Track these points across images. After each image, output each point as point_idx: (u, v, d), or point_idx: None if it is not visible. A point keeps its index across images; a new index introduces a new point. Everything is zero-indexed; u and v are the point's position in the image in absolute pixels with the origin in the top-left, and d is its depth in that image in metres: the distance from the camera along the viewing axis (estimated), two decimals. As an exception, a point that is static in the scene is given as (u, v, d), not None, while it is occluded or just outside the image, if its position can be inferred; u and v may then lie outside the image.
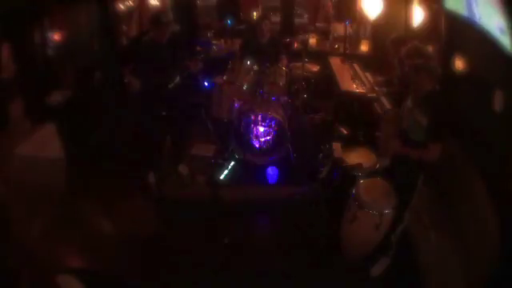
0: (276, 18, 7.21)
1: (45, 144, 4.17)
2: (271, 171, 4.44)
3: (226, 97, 4.99)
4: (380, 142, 3.53)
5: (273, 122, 4.46)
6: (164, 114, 4.30)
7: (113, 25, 5.53)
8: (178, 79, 4.27)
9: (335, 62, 5.83)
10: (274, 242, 3.68)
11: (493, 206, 2.74)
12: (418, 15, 4.42)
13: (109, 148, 4.53)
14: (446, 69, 3.36)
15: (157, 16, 4.28)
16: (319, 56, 6.35)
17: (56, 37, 4.55)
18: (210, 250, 3.47)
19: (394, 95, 3.92)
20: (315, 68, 6.07)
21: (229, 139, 4.60)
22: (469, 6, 2.98)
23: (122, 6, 5.89)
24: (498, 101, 2.75)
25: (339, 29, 6.63)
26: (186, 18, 6.74)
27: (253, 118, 4.47)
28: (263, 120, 4.45)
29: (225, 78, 5.01)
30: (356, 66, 5.42)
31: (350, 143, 3.97)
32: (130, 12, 6.10)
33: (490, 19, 2.69)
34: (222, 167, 4.42)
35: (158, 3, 6.73)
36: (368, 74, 5.04)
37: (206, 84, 5.53)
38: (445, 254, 3.21)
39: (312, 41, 6.80)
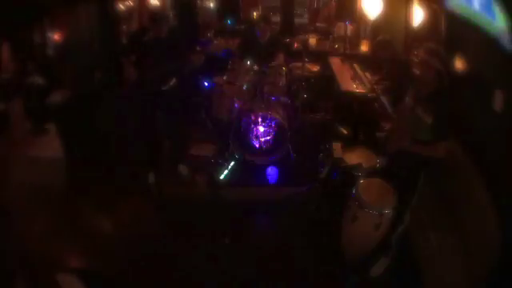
0: (276, 18, 7.21)
1: (45, 144, 4.18)
2: (271, 171, 4.44)
3: (225, 97, 4.99)
4: (390, 137, 3.41)
5: (273, 122, 4.46)
6: (161, 114, 4.31)
7: (113, 25, 5.54)
8: (173, 81, 4.26)
9: (335, 61, 5.83)
10: (274, 242, 3.68)
11: (493, 206, 2.74)
12: (417, 15, 4.42)
13: (108, 147, 4.53)
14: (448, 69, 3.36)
15: (156, 14, 4.32)
16: (319, 56, 6.35)
17: (56, 37, 4.56)
18: (210, 250, 3.46)
19: (392, 92, 3.93)
20: (315, 68, 6.07)
21: (229, 139, 4.60)
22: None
23: (122, 6, 5.90)
24: (498, 101, 2.74)
25: (339, 29, 6.64)
26: (186, 17, 6.76)
27: (253, 117, 4.47)
28: (263, 120, 4.45)
29: (225, 78, 5.01)
30: (356, 66, 5.42)
31: (349, 143, 3.97)
32: (129, 12, 6.11)
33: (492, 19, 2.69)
34: (221, 167, 4.42)
35: (157, 3, 6.74)
36: (368, 74, 5.04)
37: (205, 84, 5.53)
38: (445, 254, 3.21)
39: (312, 41, 6.80)
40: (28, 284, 2.75)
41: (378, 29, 5.58)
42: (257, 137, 4.51)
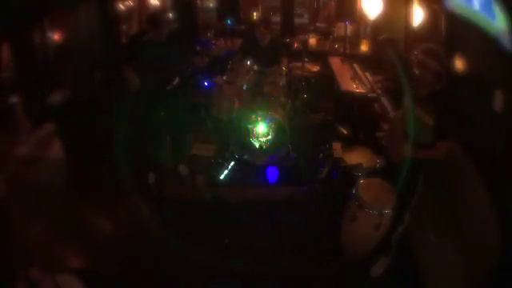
0: (276, 18, 7.21)
1: (45, 144, 4.18)
2: (271, 171, 4.44)
3: (225, 97, 4.99)
4: (390, 146, 3.41)
5: (273, 122, 4.46)
6: (163, 114, 4.31)
7: (113, 25, 5.54)
8: (177, 80, 4.27)
9: (335, 61, 5.83)
10: (274, 242, 3.68)
11: (493, 206, 2.74)
12: (417, 15, 4.42)
13: (108, 148, 4.53)
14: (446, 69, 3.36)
15: (153, 15, 4.31)
16: (319, 56, 6.35)
17: (56, 37, 4.55)
18: (210, 250, 3.46)
19: (394, 93, 3.93)
20: (315, 68, 6.07)
21: (229, 139, 4.60)
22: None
23: (122, 6, 5.90)
24: (498, 101, 2.74)
25: (339, 29, 6.64)
26: (186, 17, 6.76)
27: (253, 117, 4.47)
28: (263, 120, 4.45)
29: (225, 78, 5.01)
30: (356, 66, 5.42)
31: (349, 143, 3.97)
32: (129, 12, 6.12)
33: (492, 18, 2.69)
34: (221, 167, 4.42)
35: (157, 3, 6.74)
36: (368, 74, 5.04)
37: (205, 84, 5.53)
38: (445, 254, 3.21)
39: (312, 41, 6.80)
40: (28, 284, 2.75)
41: (378, 29, 5.58)
42: (257, 137, 4.52)
